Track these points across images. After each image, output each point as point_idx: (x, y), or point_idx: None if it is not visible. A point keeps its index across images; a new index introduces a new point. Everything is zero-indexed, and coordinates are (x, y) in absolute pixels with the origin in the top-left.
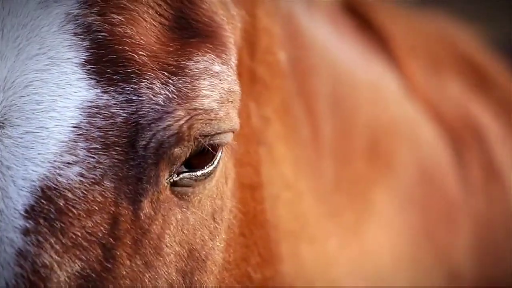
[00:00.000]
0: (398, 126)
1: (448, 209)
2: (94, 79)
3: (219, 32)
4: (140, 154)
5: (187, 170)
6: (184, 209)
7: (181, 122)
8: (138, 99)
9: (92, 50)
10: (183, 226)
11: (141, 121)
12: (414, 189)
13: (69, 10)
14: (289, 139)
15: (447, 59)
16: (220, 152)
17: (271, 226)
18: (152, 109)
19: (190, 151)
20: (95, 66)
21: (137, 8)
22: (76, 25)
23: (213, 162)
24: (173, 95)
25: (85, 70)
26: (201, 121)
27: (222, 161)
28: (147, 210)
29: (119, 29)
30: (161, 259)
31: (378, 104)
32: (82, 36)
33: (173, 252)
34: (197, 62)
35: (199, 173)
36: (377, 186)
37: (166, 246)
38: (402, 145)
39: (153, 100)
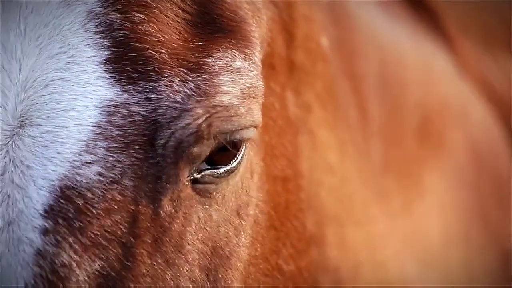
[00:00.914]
0: (449, 104)
1: (500, 188)
2: (114, 77)
3: (243, 27)
4: (159, 153)
5: (209, 167)
6: (207, 206)
7: (200, 120)
8: (157, 97)
9: (113, 49)
10: (205, 224)
11: (160, 119)
12: (466, 168)
13: (91, 8)
14: (333, 124)
15: (501, 37)
16: (243, 148)
17: (312, 213)
18: (171, 107)
19: (210, 149)
20: (115, 65)
21: (159, 6)
22: (97, 23)
23: (236, 158)
24: (192, 92)
25: (105, 69)
26: (221, 118)
27: (247, 156)
28: (167, 208)
29: (140, 27)
30: (183, 256)
31: (429, 83)
32: (103, 35)
33: (196, 250)
34: (217, 58)
35: (221, 170)
36: (428, 166)
37: (188, 244)
38: (453, 123)
39: (172, 97)
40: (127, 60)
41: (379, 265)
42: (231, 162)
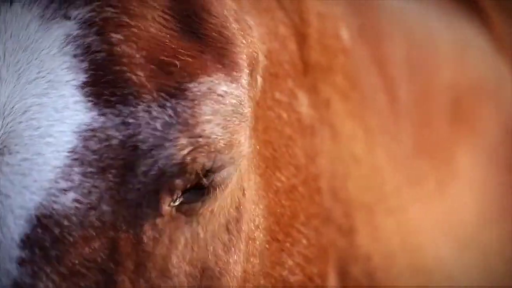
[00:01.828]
0: (482, 83)
1: None
2: (92, 101)
3: (229, 49)
4: (140, 180)
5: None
6: (194, 225)
7: (185, 152)
8: (135, 122)
9: (91, 72)
10: (193, 244)
11: (140, 146)
12: (499, 147)
13: (69, 31)
14: (359, 113)
15: None
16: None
17: (339, 206)
18: (151, 134)
19: (190, 183)
20: (93, 88)
21: (139, 24)
22: (75, 46)
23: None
24: (172, 120)
25: (83, 93)
26: (203, 154)
27: (237, 173)
28: (150, 233)
29: (118, 48)
30: (169, 281)
31: (462, 62)
32: (81, 58)
33: (183, 273)
34: (201, 83)
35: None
36: (461, 146)
37: (174, 267)
38: (486, 102)
39: (151, 124)
40: (105, 83)
41: (414, 251)
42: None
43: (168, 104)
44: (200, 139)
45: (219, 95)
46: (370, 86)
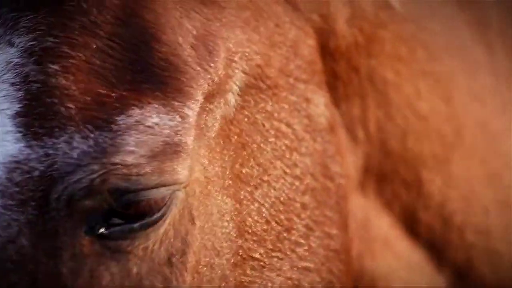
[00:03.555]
0: None
1: None
2: (21, 132)
3: (176, 77)
4: (53, 207)
5: (120, 222)
6: (124, 261)
7: (94, 176)
8: (55, 153)
9: (25, 102)
10: (123, 279)
11: (54, 175)
12: None
13: (10, 58)
14: (425, 69)
15: None
16: (169, 201)
17: (403, 164)
18: (66, 162)
19: (107, 204)
20: (24, 119)
21: (80, 54)
22: (14, 74)
23: (158, 212)
24: (90, 149)
25: (14, 123)
26: (118, 176)
27: (179, 205)
28: (69, 264)
29: (53, 79)
30: None
31: None
32: (18, 86)
33: None
34: (129, 116)
35: (136, 225)
36: None
37: None
38: None
39: (68, 154)
40: (36, 115)
41: (501, 187)
42: (149, 216)
43: (91, 135)
44: (116, 166)
45: (147, 126)
46: (465, 43)
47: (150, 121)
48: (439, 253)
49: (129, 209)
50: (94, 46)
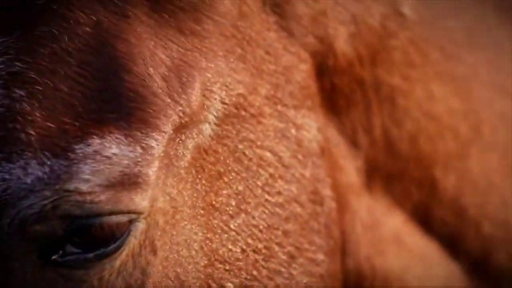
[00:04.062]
0: None
1: None
2: None
3: (143, 108)
4: (5, 231)
5: (75, 251)
6: None
7: (45, 202)
8: (10, 178)
9: None
10: None
11: (8, 199)
12: None
13: None
14: (441, 69)
15: None
16: (126, 231)
17: (415, 165)
18: (19, 187)
19: (61, 230)
20: None
21: (48, 81)
22: None
23: (114, 243)
24: (44, 176)
25: None
26: (71, 202)
27: (140, 236)
28: None
29: (17, 105)
30: None
31: None
32: None
33: None
34: (88, 145)
35: (91, 255)
36: None
37: None
38: None
39: (22, 179)
40: None
41: None
42: (107, 247)
43: (48, 162)
44: (70, 193)
45: (105, 156)
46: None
47: (109, 151)
48: (454, 245)
49: (83, 238)
50: (63, 73)
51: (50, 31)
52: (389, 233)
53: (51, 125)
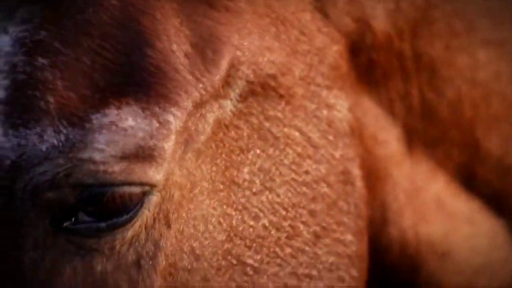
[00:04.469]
0: None
1: None
2: (1, 120)
3: (163, 83)
4: (19, 196)
5: (87, 220)
6: (88, 258)
7: (59, 169)
8: (25, 144)
9: (10, 91)
10: (86, 275)
11: (23, 164)
12: None
13: (3, 46)
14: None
15: None
16: (139, 202)
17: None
18: (34, 154)
19: (73, 197)
20: (6, 107)
21: (70, 51)
22: (4, 62)
23: (126, 214)
24: (60, 144)
25: None
26: (84, 171)
27: (153, 209)
28: (31, 254)
29: (39, 73)
30: None
31: None
32: (5, 75)
33: None
34: (105, 115)
35: (103, 224)
36: None
37: None
38: None
39: (37, 146)
40: (18, 105)
41: None
42: (119, 217)
43: (64, 131)
44: (83, 162)
45: (121, 128)
46: None
47: (125, 123)
48: (498, 203)
49: (95, 207)
50: (86, 45)
51: (76, 1)
52: (432, 198)
53: (71, 95)
